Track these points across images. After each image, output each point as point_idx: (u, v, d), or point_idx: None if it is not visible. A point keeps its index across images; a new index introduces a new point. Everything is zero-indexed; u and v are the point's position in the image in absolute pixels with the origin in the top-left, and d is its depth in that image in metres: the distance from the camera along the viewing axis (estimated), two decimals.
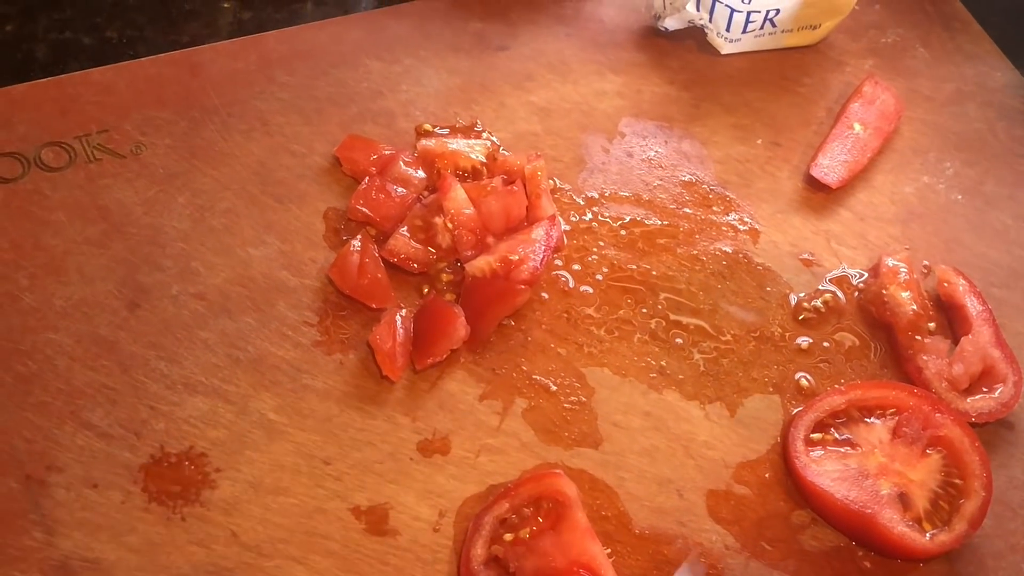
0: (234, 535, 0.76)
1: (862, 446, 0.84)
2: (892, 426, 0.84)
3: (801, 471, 0.82)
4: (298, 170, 0.95)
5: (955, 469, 0.83)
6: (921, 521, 0.81)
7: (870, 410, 0.86)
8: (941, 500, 0.82)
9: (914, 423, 0.84)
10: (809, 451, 0.83)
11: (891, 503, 0.80)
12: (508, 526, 0.77)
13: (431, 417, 0.83)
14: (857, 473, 0.82)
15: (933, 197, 1.00)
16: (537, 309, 0.90)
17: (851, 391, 0.86)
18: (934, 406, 0.84)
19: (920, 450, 0.83)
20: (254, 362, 0.84)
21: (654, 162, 1.00)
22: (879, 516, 0.79)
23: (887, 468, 0.82)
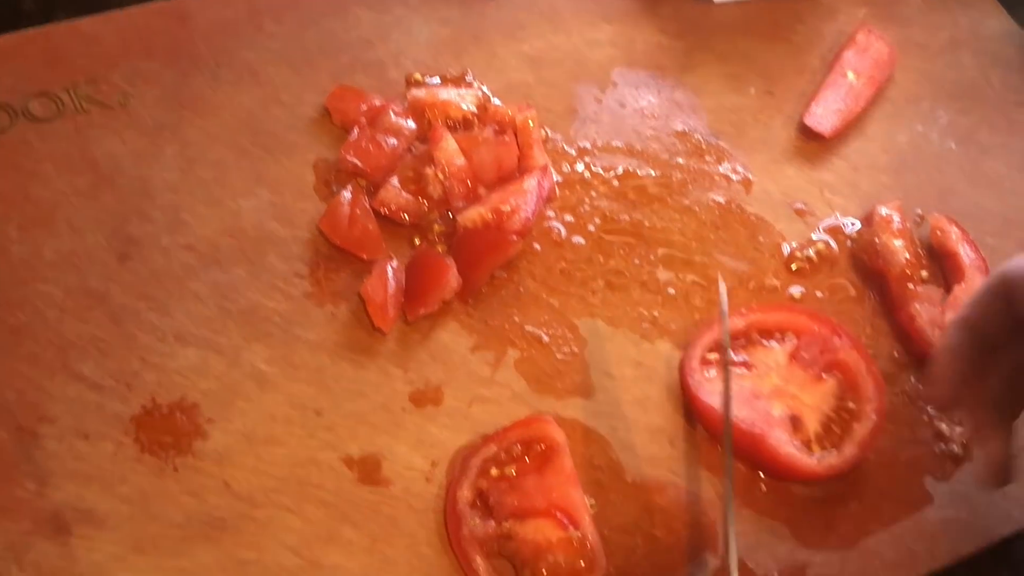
0: (227, 485, 0.76)
1: (758, 368, 0.84)
2: (790, 350, 0.85)
3: (693, 389, 0.82)
4: (288, 121, 0.94)
5: (850, 394, 0.84)
6: (811, 444, 0.81)
7: (770, 333, 0.86)
8: (833, 424, 0.82)
9: (812, 347, 0.84)
10: (704, 370, 0.84)
11: (781, 424, 0.81)
12: (496, 462, 0.78)
13: (423, 368, 0.83)
14: (750, 394, 0.82)
15: (926, 146, 1.00)
16: (529, 260, 0.89)
17: (751, 314, 0.87)
18: (833, 331, 0.85)
19: (816, 374, 0.84)
20: (245, 313, 0.83)
21: (647, 112, 0.99)
22: (768, 436, 0.80)
23: (781, 390, 0.83)
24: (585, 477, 0.79)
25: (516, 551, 0.75)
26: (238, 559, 0.74)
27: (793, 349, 0.85)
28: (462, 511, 0.76)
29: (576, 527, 0.75)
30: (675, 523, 0.79)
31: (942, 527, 0.80)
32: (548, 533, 0.75)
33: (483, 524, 0.76)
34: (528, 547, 0.75)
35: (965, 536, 0.80)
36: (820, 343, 0.84)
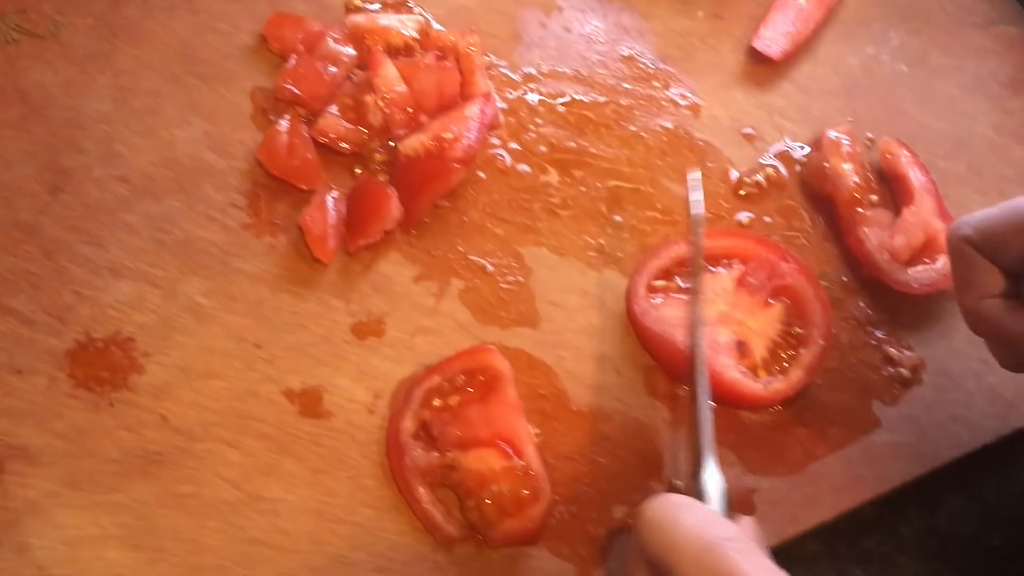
0: (164, 419, 0.75)
1: (705, 294, 0.83)
2: (737, 276, 0.84)
3: (639, 316, 0.82)
4: (224, 49, 0.91)
5: (797, 319, 0.83)
6: (757, 369, 0.81)
7: (716, 259, 0.85)
8: (780, 349, 0.82)
9: (759, 273, 0.84)
10: (650, 297, 0.83)
11: (727, 350, 0.81)
12: (439, 392, 0.77)
13: (365, 299, 0.82)
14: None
15: (877, 68, 0.99)
16: (473, 189, 0.88)
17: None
18: (781, 256, 0.84)
19: (763, 300, 0.83)
20: (181, 245, 0.82)
21: (593, 37, 0.97)
22: (713, 362, 0.79)
23: (728, 316, 0.83)
24: (530, 407, 0.79)
25: (459, 481, 0.74)
26: (176, 493, 0.73)
27: (740, 275, 0.84)
28: (404, 442, 0.75)
29: (520, 456, 0.75)
30: (621, 451, 0.78)
31: (889, 450, 0.80)
32: (491, 463, 0.74)
33: (426, 455, 0.75)
34: (471, 477, 0.74)
35: (912, 459, 0.80)
36: (767, 268, 0.84)
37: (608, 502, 0.76)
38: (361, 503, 0.74)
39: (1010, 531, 0.80)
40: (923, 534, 0.80)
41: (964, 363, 0.84)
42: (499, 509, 0.73)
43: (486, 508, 0.73)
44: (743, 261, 0.84)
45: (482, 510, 0.73)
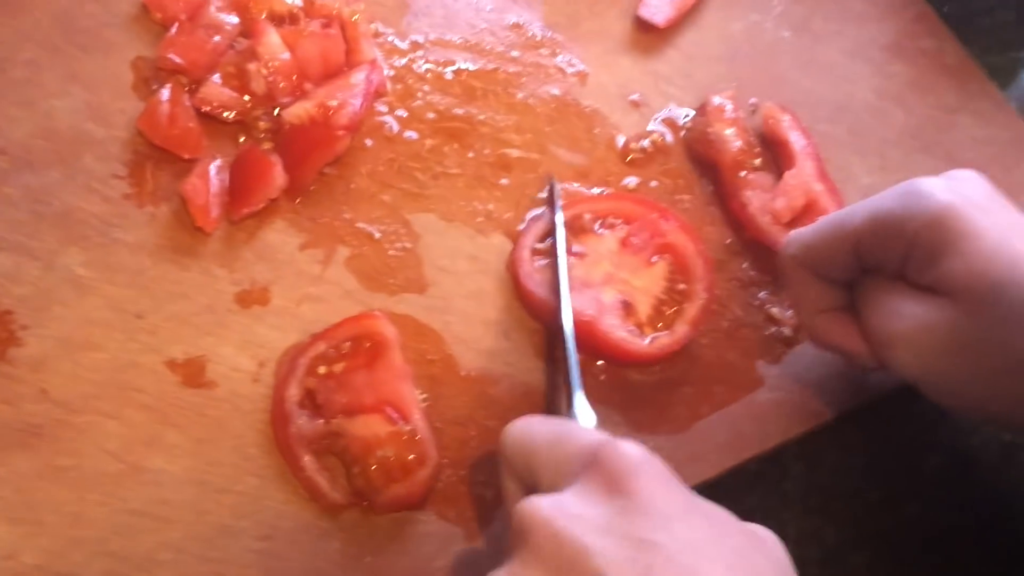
0: (43, 392, 0.74)
1: (590, 256, 0.84)
2: (621, 237, 0.85)
3: (524, 280, 0.83)
4: (104, 18, 0.90)
5: (680, 275, 0.84)
6: (643, 327, 0.82)
7: (601, 221, 0.86)
8: (665, 306, 0.83)
9: (641, 232, 0.85)
10: (534, 260, 0.84)
11: (613, 310, 0.81)
12: (324, 360, 0.77)
13: (249, 268, 0.81)
14: (581, 282, 0.83)
15: (761, 35, 1.00)
16: (360, 156, 0.88)
17: (581, 204, 0.87)
18: (661, 214, 0.86)
19: (647, 258, 0.84)
20: (60, 217, 0.81)
21: (480, 5, 0.97)
22: (599, 322, 0.80)
23: (612, 277, 0.83)
24: (419, 372, 0.79)
25: (345, 448, 0.74)
26: (56, 466, 0.72)
27: (623, 236, 0.84)
28: (289, 410, 0.75)
29: (406, 421, 0.75)
30: (509, 414, 0.77)
31: (773, 409, 0.81)
32: (377, 428, 0.74)
33: (311, 422, 0.75)
34: (357, 443, 0.74)
35: (795, 417, 0.81)
36: (649, 227, 0.84)
37: (496, 465, 0.76)
38: (246, 472, 0.74)
39: (889, 484, 0.82)
40: (805, 489, 0.81)
41: None
42: (385, 474, 0.73)
43: (372, 474, 0.73)
44: (626, 222, 0.85)
45: (368, 476, 0.73)
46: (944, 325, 0.67)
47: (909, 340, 0.69)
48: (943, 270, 0.66)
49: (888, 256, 0.70)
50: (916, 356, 0.69)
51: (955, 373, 0.68)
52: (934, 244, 0.66)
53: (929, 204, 0.67)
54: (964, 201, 0.67)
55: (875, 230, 0.70)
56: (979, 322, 0.65)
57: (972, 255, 0.65)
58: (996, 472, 0.83)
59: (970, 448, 0.84)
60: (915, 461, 0.83)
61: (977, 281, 0.65)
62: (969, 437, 0.84)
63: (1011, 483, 0.83)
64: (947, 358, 0.67)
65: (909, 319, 0.69)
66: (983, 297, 0.65)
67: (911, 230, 0.67)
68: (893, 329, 0.70)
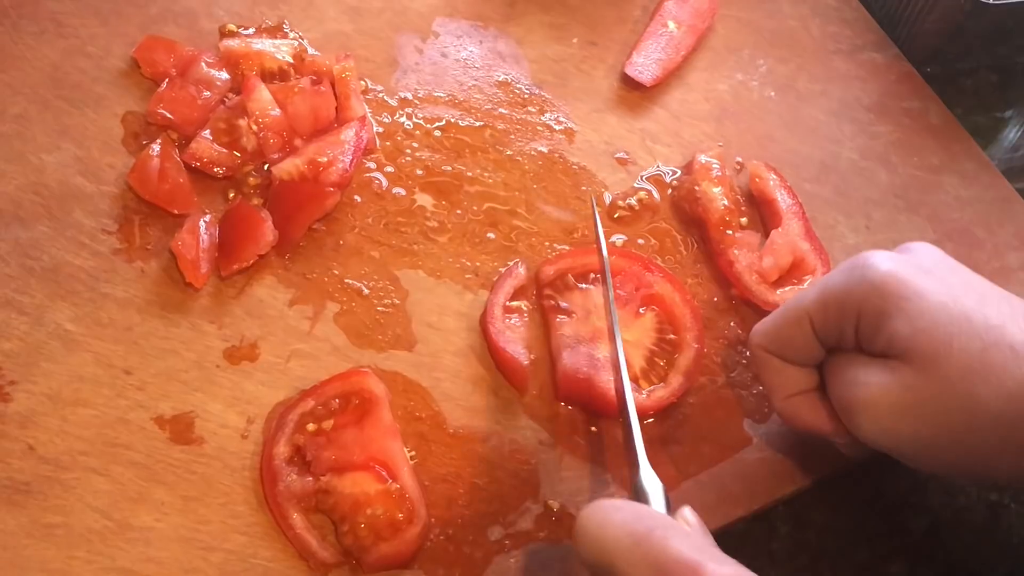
0: (31, 448, 0.74)
1: (578, 313, 0.85)
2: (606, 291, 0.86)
3: (495, 338, 0.83)
4: (94, 73, 0.90)
5: (668, 325, 0.85)
6: (638, 380, 0.83)
7: (584, 277, 0.87)
8: (657, 357, 0.84)
9: (627, 285, 0.86)
10: (506, 318, 0.84)
11: (607, 365, 0.82)
12: (313, 416, 0.77)
13: (238, 324, 0.81)
14: (573, 339, 0.83)
15: (746, 94, 1.01)
16: (349, 212, 0.88)
17: (562, 260, 0.87)
18: (645, 266, 0.86)
19: (634, 310, 0.85)
20: (49, 272, 0.80)
21: (469, 62, 0.98)
22: (595, 379, 0.81)
23: (603, 332, 0.84)
24: (407, 429, 0.79)
25: (334, 505, 0.74)
26: (44, 523, 0.71)
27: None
28: (278, 467, 0.74)
29: (395, 479, 0.75)
30: (497, 472, 0.78)
31: (761, 468, 0.81)
32: (366, 486, 0.74)
33: (300, 480, 0.74)
34: (346, 501, 0.74)
35: (782, 476, 0.81)
36: (634, 279, 0.85)
37: (484, 524, 0.76)
38: (233, 530, 0.73)
39: (876, 545, 0.82)
40: (793, 550, 0.81)
41: None
42: (374, 533, 0.72)
43: (361, 532, 0.72)
44: (611, 275, 0.86)
45: (357, 534, 0.73)
46: (899, 387, 0.67)
47: (868, 407, 0.69)
48: (889, 333, 0.67)
49: (842, 330, 0.71)
50: (878, 422, 0.69)
51: (921, 436, 0.68)
52: (878, 310, 0.68)
53: (870, 273, 0.68)
54: (907, 267, 0.68)
55: (824, 306, 0.71)
56: (933, 379, 0.66)
57: (916, 315, 0.66)
58: (983, 533, 0.83)
59: (957, 508, 0.84)
60: (902, 521, 0.83)
61: (924, 338, 0.66)
62: (955, 497, 0.84)
63: (998, 544, 0.83)
64: (909, 421, 0.68)
65: (865, 386, 0.69)
66: (933, 353, 0.66)
67: (855, 301, 0.69)
68: (853, 398, 0.70)
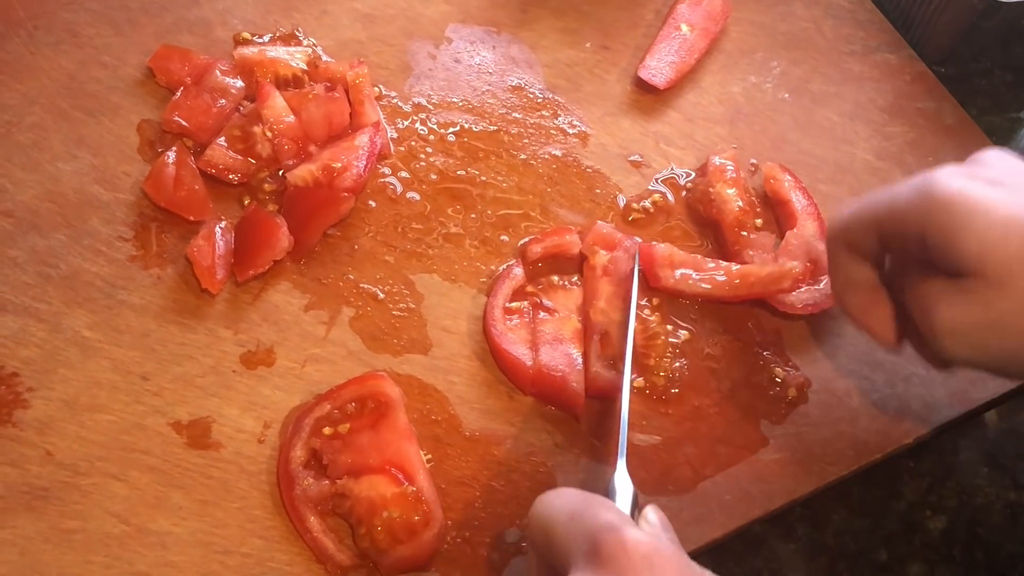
0: (49, 454, 0.74)
1: (560, 312, 0.85)
2: (604, 263, 0.87)
3: (497, 339, 0.83)
4: (110, 82, 0.91)
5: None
6: (617, 360, 0.83)
7: (569, 264, 0.89)
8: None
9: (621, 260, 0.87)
10: (507, 319, 0.85)
11: (581, 367, 0.82)
12: (329, 420, 0.77)
13: (254, 329, 0.82)
14: (552, 337, 0.83)
15: (760, 96, 1.01)
16: (364, 217, 0.88)
17: (546, 238, 0.89)
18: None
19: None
20: (66, 279, 0.81)
21: (482, 68, 0.98)
22: (569, 379, 0.81)
23: (579, 333, 0.84)
24: (423, 432, 0.79)
25: (351, 509, 0.74)
26: (62, 528, 0.72)
27: (605, 263, 0.86)
28: (295, 471, 0.75)
29: (411, 482, 0.75)
30: (514, 474, 0.78)
31: (777, 468, 0.81)
32: (382, 489, 0.74)
33: (317, 483, 0.75)
34: (363, 504, 0.74)
35: (799, 477, 0.81)
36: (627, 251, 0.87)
37: (501, 526, 0.76)
38: (251, 534, 0.74)
39: (894, 545, 0.82)
40: (811, 551, 0.81)
41: (848, 382, 0.85)
42: (391, 536, 0.73)
43: (377, 535, 0.73)
44: (607, 249, 0.87)
45: (374, 537, 0.73)
46: (978, 306, 0.65)
47: (952, 332, 0.66)
48: (960, 252, 0.65)
49: (906, 242, 0.69)
50: (964, 343, 0.66)
51: (1007, 348, 0.66)
52: (945, 229, 0.65)
53: (932, 195, 0.66)
54: (972, 183, 0.66)
55: (891, 222, 0.69)
56: (1011, 292, 0.64)
57: (984, 230, 0.64)
58: (1001, 532, 0.83)
59: (975, 508, 0.84)
60: (921, 522, 0.83)
61: (996, 253, 0.63)
62: (974, 497, 0.84)
63: (1016, 543, 0.83)
64: (994, 337, 0.65)
65: (945, 310, 0.66)
66: (1008, 266, 0.63)
67: (919, 223, 0.66)
68: (932, 323, 0.67)
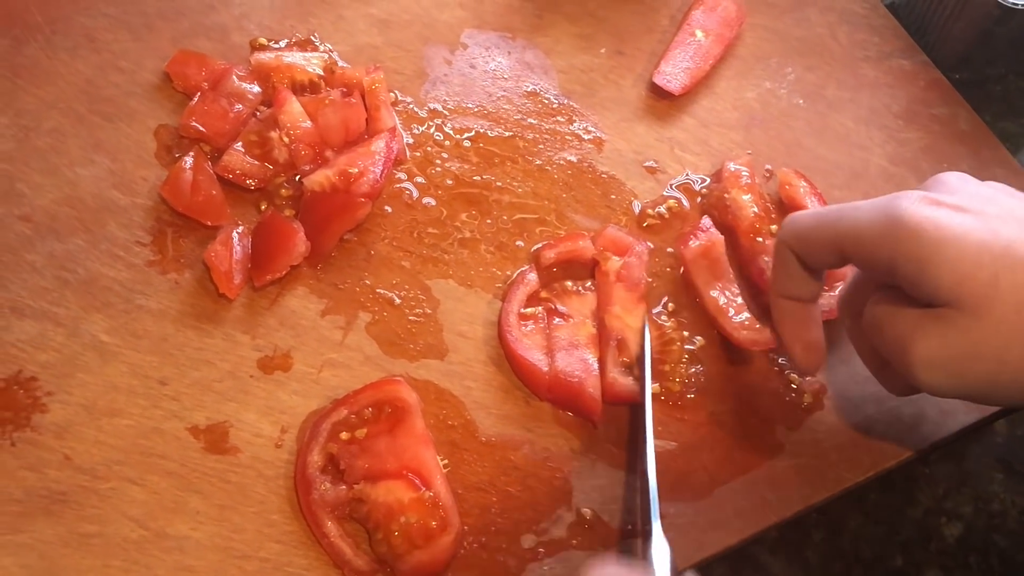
0: (67, 458, 0.74)
1: (574, 317, 0.85)
2: (617, 269, 0.87)
3: (513, 345, 0.83)
4: (127, 87, 0.91)
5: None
6: (632, 366, 0.83)
7: (582, 270, 0.89)
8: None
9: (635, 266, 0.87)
10: (522, 325, 0.85)
11: (597, 372, 0.83)
12: (346, 426, 0.77)
13: (272, 334, 0.82)
14: (568, 343, 0.83)
15: (775, 102, 1.01)
16: (380, 223, 0.88)
17: (560, 244, 0.89)
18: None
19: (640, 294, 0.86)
20: (84, 284, 0.81)
21: (497, 73, 0.99)
22: (584, 385, 0.81)
23: (594, 339, 0.85)
24: (439, 437, 0.79)
25: (368, 514, 0.74)
26: (80, 533, 0.72)
27: (619, 268, 0.87)
28: (312, 476, 0.75)
29: (428, 487, 0.75)
30: (530, 480, 0.78)
31: (793, 474, 0.81)
32: (400, 494, 0.74)
33: (334, 488, 0.75)
34: (380, 509, 0.74)
35: (816, 483, 0.81)
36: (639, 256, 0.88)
37: (517, 532, 0.76)
38: (268, 538, 0.74)
39: (910, 551, 0.82)
40: (827, 557, 0.81)
41: (864, 388, 0.85)
42: (408, 541, 0.73)
43: (395, 540, 0.73)
44: (620, 254, 0.87)
45: (391, 542, 0.73)
46: (956, 335, 0.63)
47: (930, 363, 0.65)
48: (932, 282, 0.63)
49: (873, 266, 0.68)
50: (941, 373, 0.65)
51: (986, 376, 0.64)
52: (915, 260, 0.64)
53: (904, 221, 0.64)
54: (939, 210, 0.64)
55: (857, 246, 0.68)
56: (988, 321, 0.62)
57: (956, 260, 0.62)
58: (1017, 539, 0.83)
59: (991, 515, 0.84)
60: (936, 528, 0.83)
61: (970, 283, 0.62)
62: (989, 504, 0.84)
63: None
64: (971, 365, 0.64)
65: (921, 340, 0.65)
66: (983, 296, 0.62)
67: (888, 248, 0.65)
68: (912, 356, 0.65)
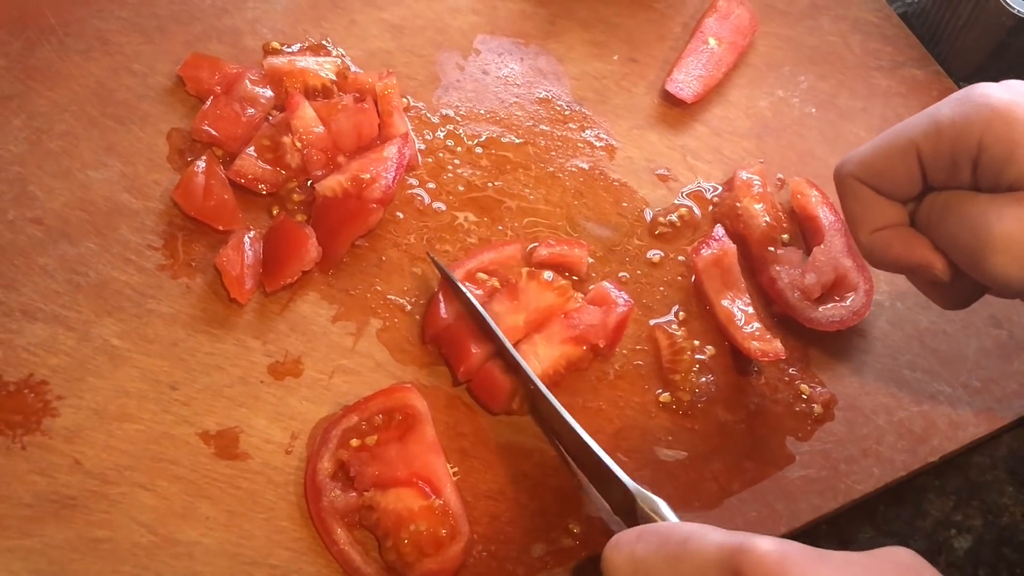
0: (77, 463, 0.74)
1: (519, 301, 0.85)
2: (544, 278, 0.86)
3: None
4: (140, 90, 0.91)
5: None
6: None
7: (567, 268, 0.89)
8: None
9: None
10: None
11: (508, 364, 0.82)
12: (356, 432, 0.77)
13: (282, 340, 0.82)
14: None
15: (787, 111, 1.01)
16: (392, 229, 0.88)
17: (559, 243, 0.89)
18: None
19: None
20: (96, 287, 0.81)
21: (510, 79, 0.99)
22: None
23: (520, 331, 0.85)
24: (449, 445, 0.79)
25: (378, 521, 0.74)
26: (90, 537, 0.72)
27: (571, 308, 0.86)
28: (322, 483, 0.75)
29: (438, 495, 0.75)
30: (540, 488, 0.78)
31: (803, 485, 0.81)
32: (410, 502, 0.74)
33: (344, 495, 0.75)
34: (390, 517, 0.74)
35: (825, 494, 0.81)
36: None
37: (527, 540, 0.76)
38: (278, 545, 0.74)
39: None
40: None
41: (874, 399, 0.85)
42: (417, 549, 0.73)
43: (404, 548, 0.73)
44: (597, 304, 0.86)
45: (400, 550, 0.73)
46: None
47: (1007, 244, 0.65)
48: (1020, 166, 0.64)
49: (956, 164, 0.67)
50: (1020, 261, 0.65)
51: None
52: (1002, 143, 0.64)
53: (988, 105, 0.65)
54: (1017, 95, 0.65)
55: (938, 140, 0.67)
56: None
57: None
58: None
59: (1001, 527, 0.83)
60: (946, 540, 0.82)
61: None
62: (999, 516, 0.84)
63: None
64: None
65: (999, 223, 0.65)
66: None
67: (974, 135, 0.65)
68: (986, 238, 0.65)
